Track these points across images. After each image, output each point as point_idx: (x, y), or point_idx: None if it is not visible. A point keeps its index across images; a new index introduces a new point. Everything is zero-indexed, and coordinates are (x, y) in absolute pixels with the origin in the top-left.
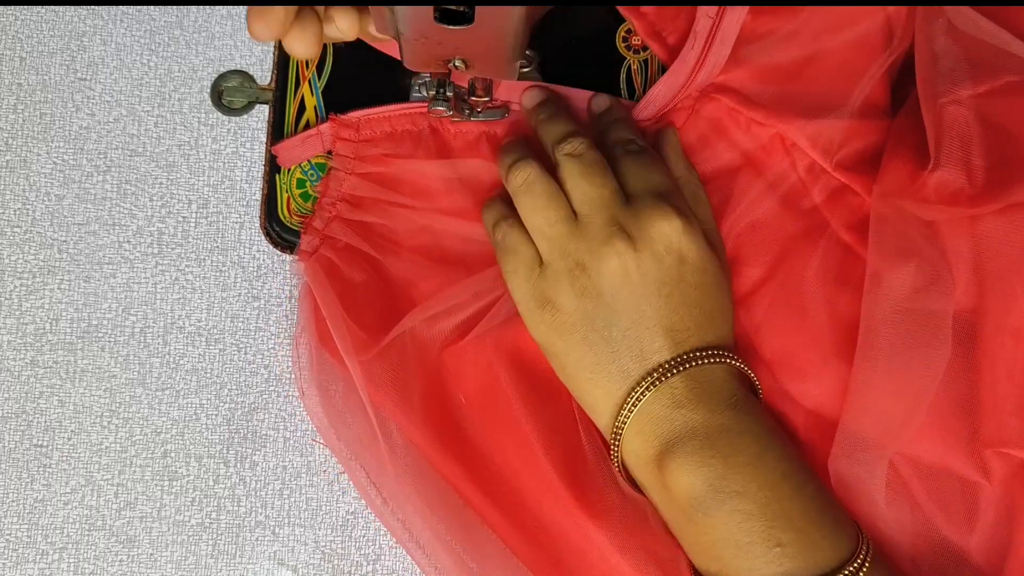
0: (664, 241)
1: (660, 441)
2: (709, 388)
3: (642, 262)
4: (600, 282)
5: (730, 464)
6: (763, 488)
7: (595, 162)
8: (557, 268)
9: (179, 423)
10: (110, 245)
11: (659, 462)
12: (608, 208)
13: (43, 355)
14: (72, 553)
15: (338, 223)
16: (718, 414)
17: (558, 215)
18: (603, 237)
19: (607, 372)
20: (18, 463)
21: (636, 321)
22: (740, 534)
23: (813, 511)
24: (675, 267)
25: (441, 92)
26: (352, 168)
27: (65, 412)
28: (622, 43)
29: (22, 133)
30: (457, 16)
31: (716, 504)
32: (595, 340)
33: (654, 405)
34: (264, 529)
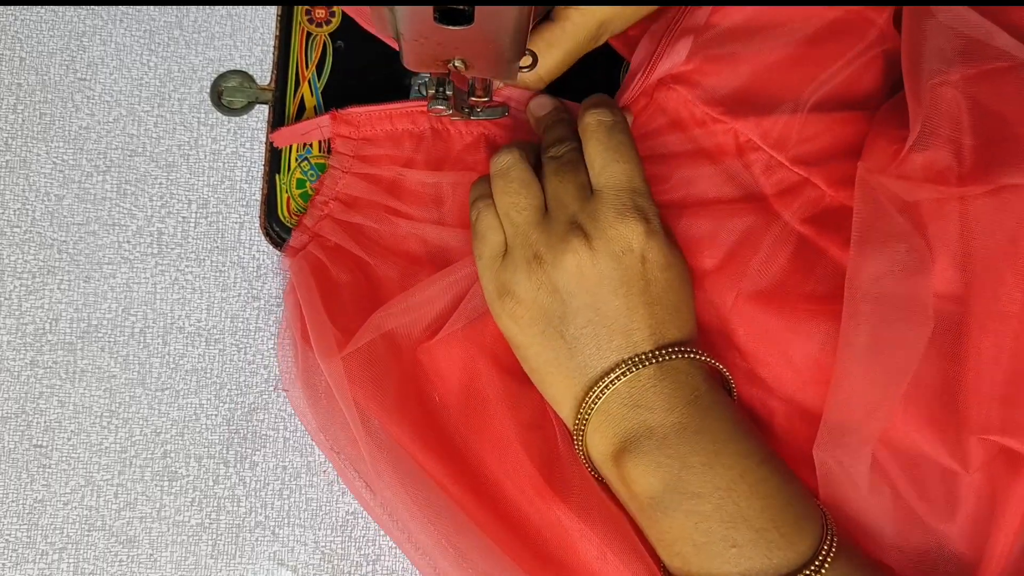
0: (622, 242)
1: (618, 439)
2: (670, 386)
3: (598, 262)
4: (556, 278)
5: (686, 464)
6: (719, 489)
7: (569, 161)
8: (517, 256)
9: (179, 423)
10: (110, 245)
11: (617, 460)
12: (572, 204)
13: (43, 355)
14: (72, 553)
15: (329, 222)
16: (675, 412)
17: (527, 203)
18: (561, 233)
19: (566, 368)
20: (18, 463)
21: (592, 320)
22: (697, 534)
23: (772, 509)
24: (636, 266)
25: (441, 91)
26: (349, 167)
27: (65, 412)
28: None
29: (22, 133)
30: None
31: (673, 505)
32: (552, 336)
33: (612, 403)
34: (264, 529)
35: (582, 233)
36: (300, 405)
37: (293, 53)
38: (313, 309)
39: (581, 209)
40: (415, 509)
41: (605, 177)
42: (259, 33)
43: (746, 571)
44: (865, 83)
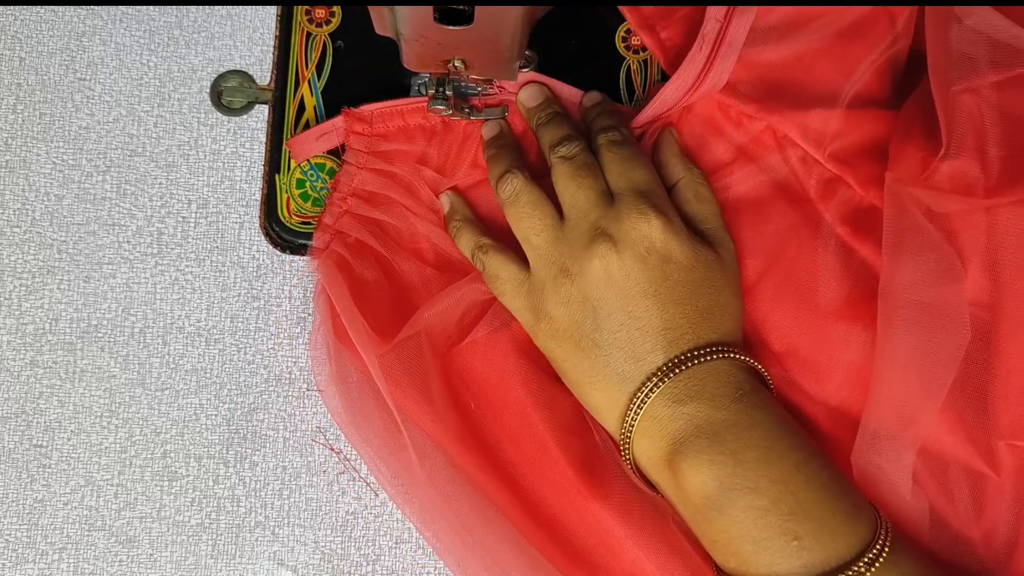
0: (645, 242)
1: (667, 442)
2: (713, 384)
3: (625, 264)
4: (584, 287)
5: (740, 460)
6: (775, 482)
7: (584, 164)
8: (543, 276)
9: (179, 423)
10: (110, 245)
11: (669, 462)
12: (593, 211)
13: (43, 355)
14: (72, 553)
15: (349, 218)
16: (723, 409)
17: (543, 223)
18: (585, 241)
19: (604, 376)
20: (18, 463)
21: (625, 323)
22: (756, 530)
23: (829, 500)
24: (659, 267)
25: (440, 91)
26: (364, 163)
27: (65, 412)
28: (622, 43)
29: (22, 133)
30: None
31: (729, 502)
32: (587, 345)
33: (657, 406)
34: (264, 529)
35: (607, 237)
36: (334, 405)
37: (293, 53)
38: (347, 307)
39: (603, 215)
40: (448, 511)
41: (624, 182)
42: (259, 33)
43: (808, 563)
44: (885, 81)
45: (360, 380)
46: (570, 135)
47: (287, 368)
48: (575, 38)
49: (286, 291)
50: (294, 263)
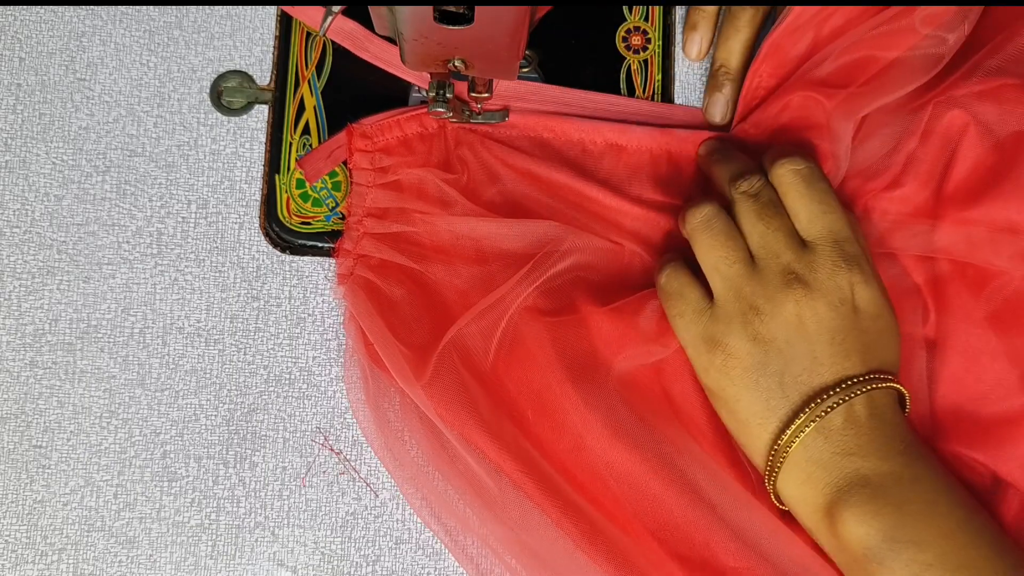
0: (839, 292)
1: (830, 489)
2: (882, 434)
3: (818, 311)
4: (775, 328)
5: (904, 512)
6: (940, 537)
7: (770, 203)
8: (730, 309)
9: (178, 424)
10: (109, 246)
11: (829, 511)
12: (785, 253)
13: (42, 356)
14: (71, 554)
15: (368, 240)
16: (889, 460)
17: (737, 255)
18: (780, 283)
19: (778, 416)
20: (17, 464)
21: (808, 368)
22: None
23: (992, 558)
24: (850, 316)
25: (441, 94)
26: (372, 180)
27: (64, 413)
28: (622, 43)
29: (21, 133)
30: (456, 16)
31: (892, 555)
32: (768, 386)
33: (824, 453)
34: (264, 530)
35: (800, 283)
36: (369, 430)
37: (293, 53)
38: (381, 337)
39: (797, 259)
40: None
41: (817, 229)
42: (259, 33)
43: None
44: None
45: (401, 404)
46: (750, 169)
47: (287, 368)
48: (575, 38)
49: (286, 291)
50: (294, 263)
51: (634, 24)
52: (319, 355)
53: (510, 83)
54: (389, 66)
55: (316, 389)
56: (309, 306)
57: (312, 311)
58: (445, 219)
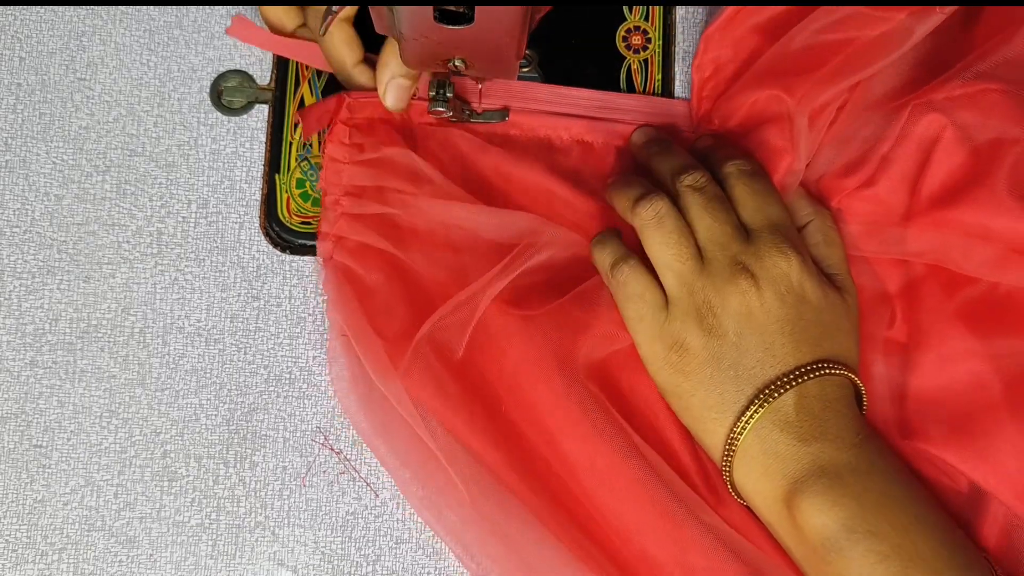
0: (785, 281)
1: (787, 480)
2: (836, 425)
3: (765, 301)
4: (726, 321)
5: (862, 503)
6: (896, 529)
7: (717, 197)
8: (685, 307)
9: (178, 423)
10: (109, 245)
11: (788, 502)
12: (731, 245)
13: (42, 355)
14: (71, 554)
15: (345, 220)
16: (845, 451)
17: (690, 252)
18: (727, 276)
19: (734, 412)
20: (17, 463)
21: (761, 359)
22: (875, 575)
23: (946, 551)
24: (796, 306)
25: (441, 93)
26: (348, 156)
27: (64, 412)
28: (622, 43)
29: (21, 133)
30: (456, 16)
31: (850, 545)
32: (722, 379)
33: (780, 444)
34: (264, 530)
35: (748, 273)
36: (354, 413)
37: None
38: (358, 327)
39: (743, 250)
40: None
41: (761, 218)
42: None
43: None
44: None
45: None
46: (693, 163)
47: (287, 368)
48: (575, 38)
49: (286, 291)
50: (294, 263)
51: (634, 24)
52: (319, 355)
53: (505, 84)
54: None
55: (316, 389)
56: (309, 306)
57: (312, 311)
58: (424, 200)
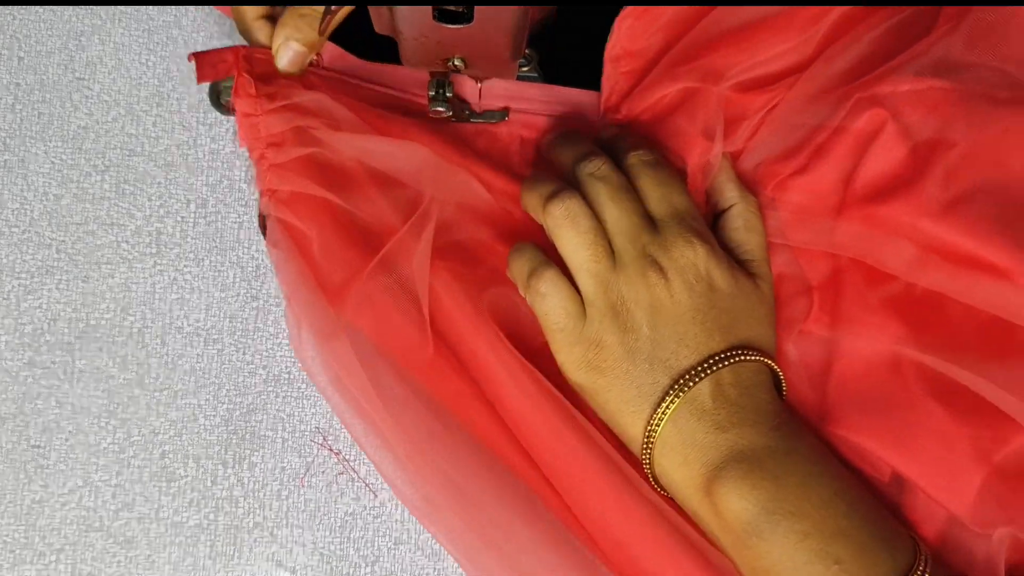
0: (692, 270)
1: (706, 468)
2: (754, 410)
3: (674, 292)
4: (639, 315)
5: (781, 484)
6: (816, 507)
7: (622, 186)
8: (601, 306)
9: (177, 424)
10: (108, 245)
11: (707, 489)
12: (639, 237)
13: (41, 355)
14: (69, 554)
15: (273, 172)
16: (764, 435)
17: (603, 251)
18: (638, 269)
19: (650, 404)
20: (15, 464)
21: (674, 350)
22: (797, 554)
23: (869, 525)
24: (706, 294)
25: (440, 92)
26: (260, 108)
27: (63, 413)
28: None
29: (20, 133)
30: (456, 15)
31: (770, 526)
32: (638, 373)
33: (698, 433)
34: (262, 530)
35: (656, 266)
36: (309, 362)
37: None
38: (299, 288)
39: (651, 241)
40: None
41: (666, 207)
42: None
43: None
44: None
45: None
46: (595, 151)
47: (286, 368)
48: (575, 38)
49: None
50: None
51: None
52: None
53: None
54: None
55: (315, 389)
56: None
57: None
58: (342, 134)
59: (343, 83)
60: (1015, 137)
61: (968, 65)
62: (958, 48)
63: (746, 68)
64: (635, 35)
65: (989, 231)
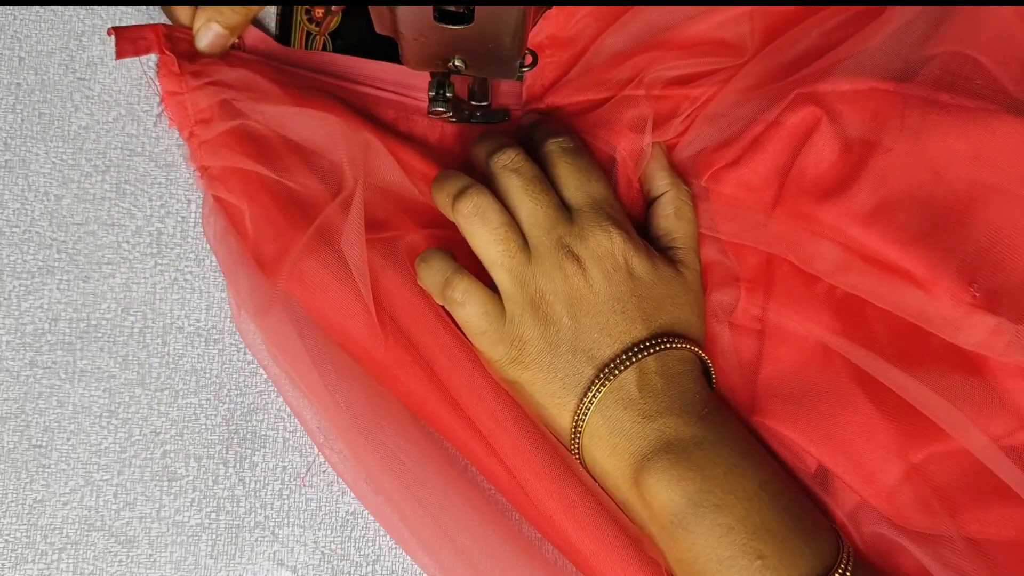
0: (610, 259)
1: (635, 458)
2: (681, 399)
3: (592, 282)
4: (558, 307)
5: (707, 476)
6: (741, 500)
7: (536, 177)
8: (520, 301)
9: (178, 423)
10: (109, 245)
11: (635, 479)
12: (555, 228)
13: (42, 355)
14: (71, 554)
15: (204, 149)
16: (692, 426)
17: (517, 245)
18: (554, 261)
19: (575, 395)
20: (17, 463)
21: (597, 340)
22: (721, 548)
23: (792, 519)
24: (625, 282)
25: (441, 93)
26: (186, 85)
27: (64, 412)
28: None
29: (21, 133)
30: (456, 16)
31: (696, 519)
32: (561, 365)
33: (625, 422)
34: (263, 530)
35: (573, 256)
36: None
37: None
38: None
39: (567, 231)
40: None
41: (583, 196)
42: None
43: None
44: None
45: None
46: (509, 143)
47: None
48: None
49: None
50: None
51: None
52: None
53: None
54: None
55: None
56: None
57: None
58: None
59: (266, 66)
60: (948, 146)
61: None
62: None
63: (676, 66)
64: (560, 24)
65: (912, 240)
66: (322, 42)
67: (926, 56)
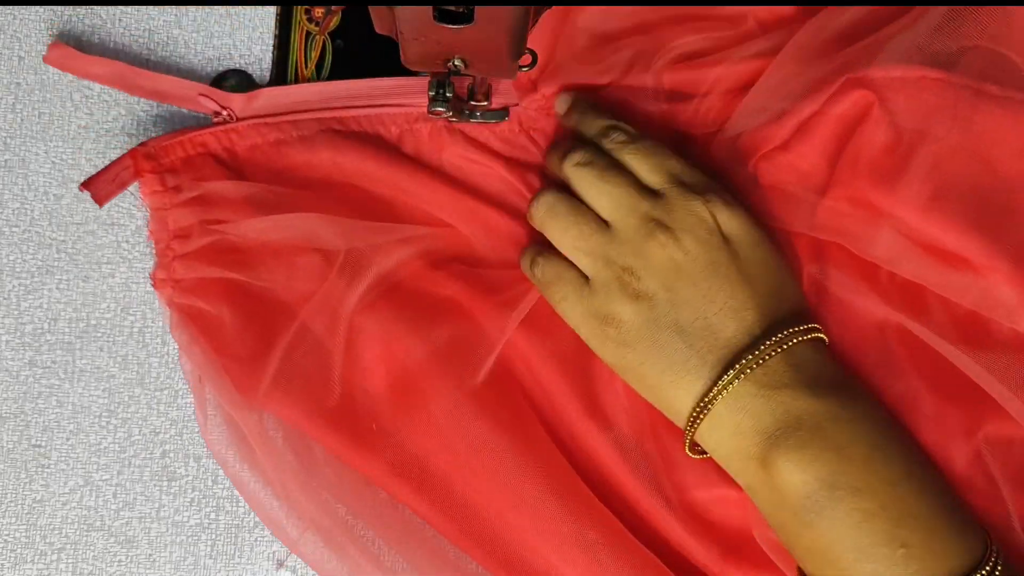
0: (704, 225)
1: (762, 436)
2: (806, 369)
3: (688, 249)
4: (651, 282)
5: (845, 456)
6: (884, 484)
7: (608, 165)
8: (603, 278)
9: (178, 423)
10: (109, 245)
11: (763, 460)
12: (638, 206)
13: (41, 355)
14: (70, 553)
15: (179, 263)
16: (822, 398)
17: (589, 227)
18: (642, 235)
19: (686, 368)
20: (16, 463)
21: (702, 308)
22: (860, 535)
23: (940, 509)
24: (723, 247)
25: (441, 93)
26: (168, 202)
27: (64, 412)
28: None
29: (20, 132)
30: (456, 16)
31: (832, 503)
32: (665, 340)
33: (747, 398)
34: (263, 529)
35: (661, 227)
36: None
37: (292, 52)
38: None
39: (653, 207)
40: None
41: (661, 174)
42: (258, 32)
43: (914, 574)
44: None
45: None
46: (576, 144)
47: None
48: None
49: None
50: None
51: None
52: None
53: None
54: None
55: None
56: None
57: None
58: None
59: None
60: (998, 137)
61: (962, 50)
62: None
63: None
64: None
65: (968, 227)
66: (322, 41)
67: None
